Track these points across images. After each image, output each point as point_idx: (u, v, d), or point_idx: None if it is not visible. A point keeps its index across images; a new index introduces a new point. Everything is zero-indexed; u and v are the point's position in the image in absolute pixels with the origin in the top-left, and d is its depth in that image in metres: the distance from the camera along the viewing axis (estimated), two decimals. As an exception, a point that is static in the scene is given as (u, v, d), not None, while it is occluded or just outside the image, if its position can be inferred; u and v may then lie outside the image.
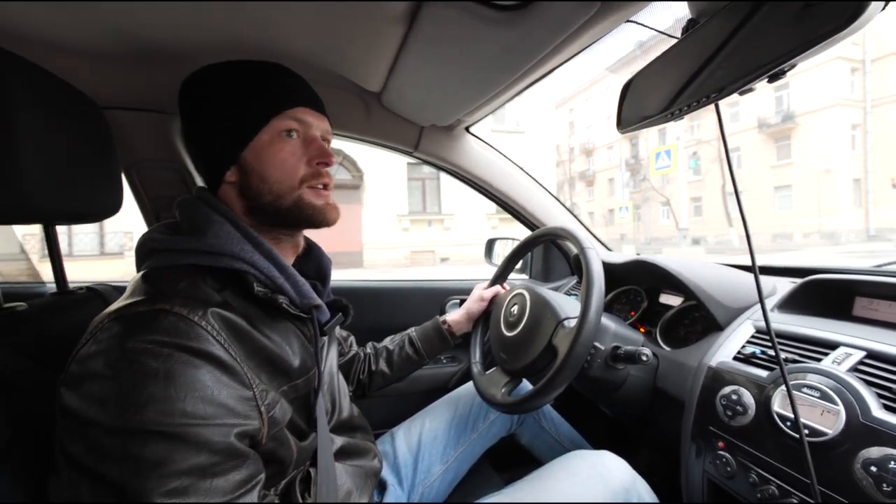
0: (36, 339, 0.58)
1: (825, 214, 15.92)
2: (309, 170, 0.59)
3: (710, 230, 19.13)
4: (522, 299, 0.87)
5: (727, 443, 0.66)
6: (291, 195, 0.58)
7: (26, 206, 0.50)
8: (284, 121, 0.58)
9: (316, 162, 0.59)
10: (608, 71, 22.25)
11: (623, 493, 0.69)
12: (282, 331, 0.57)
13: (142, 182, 1.04)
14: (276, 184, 0.57)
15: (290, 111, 0.58)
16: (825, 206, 15.98)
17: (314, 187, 0.59)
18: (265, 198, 0.57)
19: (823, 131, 15.92)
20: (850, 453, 0.51)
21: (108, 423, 0.40)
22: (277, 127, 0.57)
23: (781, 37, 0.41)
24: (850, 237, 15.35)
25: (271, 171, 0.57)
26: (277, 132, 0.57)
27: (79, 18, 0.67)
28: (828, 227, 15.70)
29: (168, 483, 0.40)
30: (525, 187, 1.28)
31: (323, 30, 0.73)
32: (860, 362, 0.58)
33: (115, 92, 0.89)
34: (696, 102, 0.54)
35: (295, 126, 0.59)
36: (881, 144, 15.57)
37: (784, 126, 16.90)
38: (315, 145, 0.60)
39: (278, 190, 0.57)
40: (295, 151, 0.58)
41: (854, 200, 16.10)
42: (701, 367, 0.74)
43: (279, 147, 0.57)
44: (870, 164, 15.90)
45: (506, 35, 0.68)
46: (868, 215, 16.02)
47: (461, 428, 0.95)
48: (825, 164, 15.82)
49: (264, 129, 0.57)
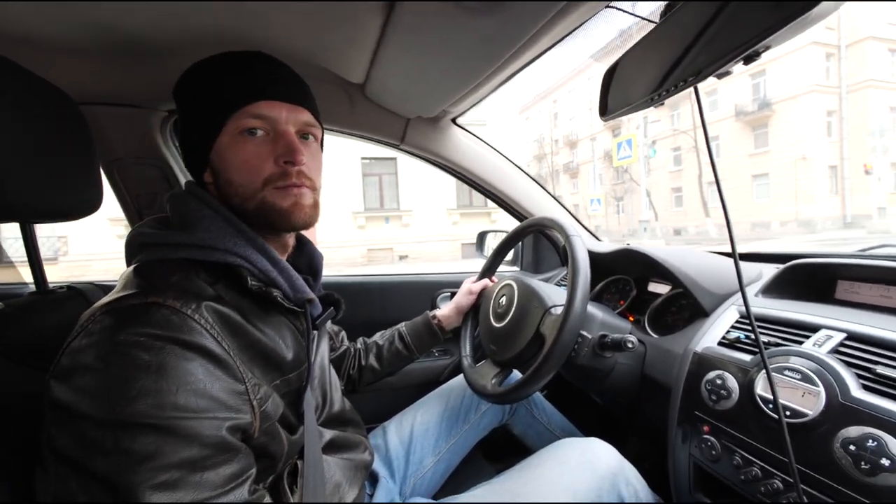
0: (15, 339, 0.58)
1: (802, 202, 16.14)
2: (276, 169, 0.55)
3: (691, 220, 19.22)
4: (511, 290, 0.87)
5: (712, 427, 0.67)
6: (255, 197, 0.55)
7: (2, 203, 0.49)
8: (242, 119, 0.54)
9: (283, 161, 0.55)
10: (592, 59, 22.17)
11: (610, 478, 0.70)
12: (275, 325, 0.56)
13: (122, 179, 1.02)
14: (239, 186, 0.55)
15: (250, 107, 0.54)
16: (802, 193, 16.19)
17: (280, 188, 0.55)
18: (233, 200, 0.56)
19: (799, 118, 16.09)
20: (829, 433, 0.52)
21: (99, 416, 0.39)
22: (235, 127, 0.54)
23: (756, 17, 0.42)
24: (827, 225, 15.58)
25: (233, 174, 0.55)
26: (237, 132, 0.54)
27: (52, 12, 0.66)
28: (804, 215, 15.92)
29: (158, 476, 0.39)
30: (513, 178, 1.28)
31: (301, 20, 0.72)
32: (840, 344, 0.59)
33: (91, 87, 0.87)
34: (674, 87, 0.54)
35: (256, 124, 0.55)
36: (856, 130, 15.78)
37: (761, 114, 17.04)
38: (283, 142, 0.55)
39: (242, 193, 0.55)
40: (259, 151, 0.55)
41: (830, 188, 16.31)
42: (687, 353, 0.75)
43: (240, 148, 0.55)
44: (846, 151, 16.08)
45: (484, 23, 0.67)
46: (844, 202, 16.20)
47: (453, 420, 0.95)
48: (801, 151, 16.01)
49: (223, 130, 0.55)
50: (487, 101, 1.04)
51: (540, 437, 1.06)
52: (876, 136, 14.45)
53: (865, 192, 15.38)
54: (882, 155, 14.54)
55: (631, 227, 21.96)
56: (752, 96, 17.31)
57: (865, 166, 15.09)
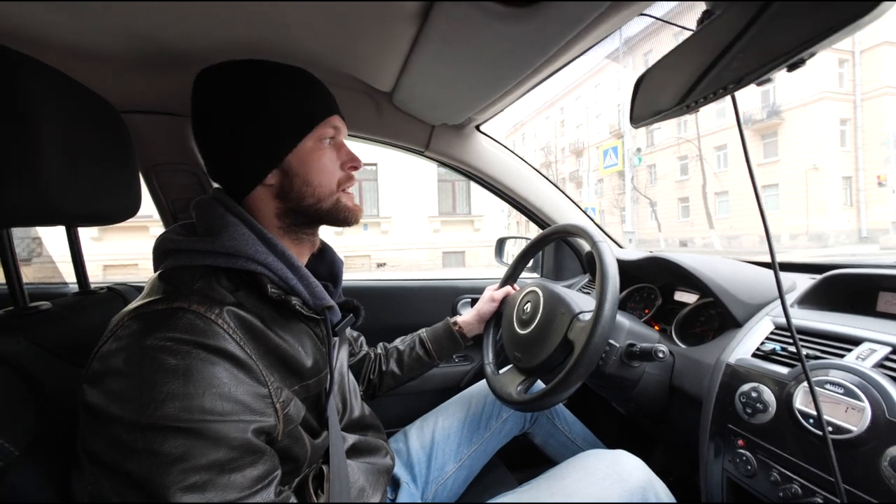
0: (61, 337, 0.60)
1: (813, 214, 15.55)
2: (343, 174, 0.62)
3: (698, 232, 18.64)
4: (535, 296, 0.86)
5: (747, 441, 0.65)
6: (331, 198, 0.61)
7: (48, 208, 0.50)
8: (325, 128, 0.60)
9: (348, 166, 0.63)
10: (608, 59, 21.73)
11: (640, 493, 0.69)
12: (295, 331, 0.58)
13: (160, 184, 1.06)
14: (319, 188, 0.60)
15: (330, 119, 0.61)
16: (813, 205, 15.60)
17: (346, 190, 0.63)
18: (307, 200, 0.59)
19: (811, 127, 15.42)
20: (876, 451, 0.51)
21: (129, 419, 0.41)
22: (320, 134, 0.60)
23: (799, 25, 0.41)
24: (841, 238, 14.97)
25: (314, 176, 0.59)
26: (320, 139, 0.60)
27: (95, 23, 0.69)
28: (816, 228, 15.33)
29: (188, 478, 0.40)
30: (537, 186, 1.28)
31: (335, 30, 0.74)
32: (886, 358, 0.58)
33: (132, 96, 0.91)
34: (712, 94, 0.54)
35: (332, 133, 0.61)
36: (872, 140, 14.96)
37: (770, 122, 16.37)
38: (345, 150, 0.63)
39: (320, 193, 0.60)
40: (332, 157, 0.62)
41: (844, 200, 15.65)
42: (719, 364, 0.74)
43: (321, 153, 0.60)
44: (861, 162, 15.25)
45: (518, 31, 0.67)
46: (860, 215, 15.45)
47: (474, 426, 0.95)
48: (813, 161, 15.39)
49: (309, 136, 0.59)
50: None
51: (561, 446, 1.05)
52: (890, 146, 13.99)
53: (882, 204, 14.81)
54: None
55: (637, 237, 21.64)
56: (762, 103, 16.60)
57: (879, 178, 14.63)
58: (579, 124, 26.44)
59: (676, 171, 20.52)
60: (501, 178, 1.24)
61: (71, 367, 0.55)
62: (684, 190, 20.16)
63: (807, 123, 15.62)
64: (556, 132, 28.49)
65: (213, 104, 0.58)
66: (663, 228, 20.23)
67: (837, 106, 15.33)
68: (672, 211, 21.03)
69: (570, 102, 27.16)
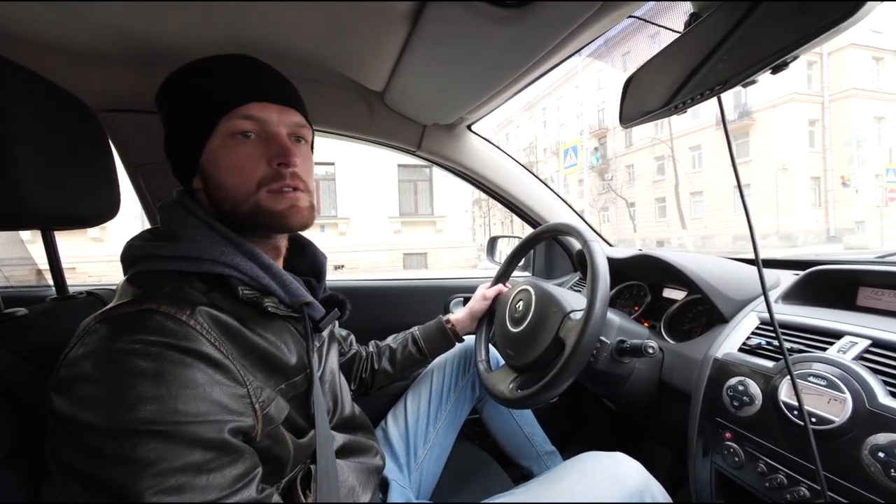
0: (37, 344, 0.58)
1: (783, 215, 15.86)
2: (269, 171, 0.54)
3: (674, 232, 18.73)
4: (528, 295, 0.87)
5: (734, 433, 0.67)
6: (248, 201, 0.54)
7: (23, 210, 0.49)
8: (234, 121, 0.53)
9: (276, 163, 0.54)
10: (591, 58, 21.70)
11: (637, 495, 0.69)
12: (276, 329, 0.56)
13: (146, 185, 1.03)
14: (232, 190, 0.54)
15: (241, 109, 0.53)
16: (783, 206, 15.91)
17: (274, 191, 0.55)
18: (224, 205, 0.55)
19: (781, 128, 15.78)
20: (857, 440, 0.52)
21: (100, 425, 0.39)
22: (227, 129, 0.53)
23: (784, 29, 0.42)
24: (809, 238, 15.26)
25: (225, 178, 0.54)
26: (228, 134, 0.54)
27: (68, 19, 0.66)
28: (785, 228, 15.63)
29: (164, 482, 0.39)
30: (528, 185, 1.29)
31: (327, 29, 0.73)
32: (865, 350, 0.60)
33: (114, 94, 0.88)
34: (699, 95, 0.55)
35: (247, 125, 0.54)
36: (840, 140, 15.23)
37: (742, 123, 16.58)
38: (275, 144, 0.55)
39: (234, 197, 0.54)
40: (251, 153, 0.54)
41: (813, 200, 15.92)
42: (707, 359, 0.75)
43: (231, 150, 0.54)
44: (829, 162, 15.61)
45: (509, 32, 0.68)
46: (828, 215, 15.78)
47: (437, 403, 0.97)
48: (782, 161, 15.63)
49: (214, 134, 0.53)
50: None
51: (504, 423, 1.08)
52: (853, 146, 14.37)
53: (849, 204, 15.08)
54: (860, 166, 14.45)
55: (617, 237, 21.67)
56: (733, 104, 16.63)
57: (842, 178, 15.02)
58: (562, 124, 26.71)
59: (653, 172, 20.76)
60: (493, 178, 1.24)
61: (48, 375, 0.53)
62: (661, 190, 20.36)
63: (777, 124, 15.99)
64: (536, 133, 28.73)
65: (161, 109, 0.58)
66: (640, 229, 20.43)
67: (806, 107, 15.76)
68: (649, 211, 21.25)
69: (551, 102, 27.42)
